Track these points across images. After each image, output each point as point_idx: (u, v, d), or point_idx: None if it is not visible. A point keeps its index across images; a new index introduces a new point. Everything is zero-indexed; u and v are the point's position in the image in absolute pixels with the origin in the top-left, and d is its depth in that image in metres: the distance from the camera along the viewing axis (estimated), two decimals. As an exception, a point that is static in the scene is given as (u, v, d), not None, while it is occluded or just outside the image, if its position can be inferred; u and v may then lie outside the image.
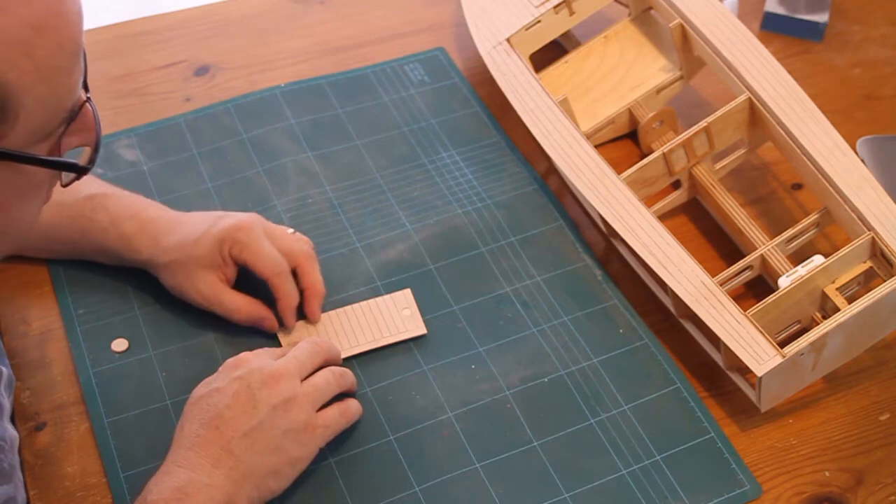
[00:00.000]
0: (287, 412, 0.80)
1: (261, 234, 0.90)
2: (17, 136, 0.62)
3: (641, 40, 1.12)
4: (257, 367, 0.81)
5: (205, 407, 0.79)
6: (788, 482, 0.86)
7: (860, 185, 0.90)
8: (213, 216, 0.93)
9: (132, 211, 0.93)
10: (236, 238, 0.89)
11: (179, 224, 0.92)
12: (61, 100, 0.64)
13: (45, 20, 0.61)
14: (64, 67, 0.63)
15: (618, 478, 0.85)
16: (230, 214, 0.92)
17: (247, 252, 0.89)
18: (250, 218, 0.92)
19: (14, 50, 0.60)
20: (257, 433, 0.79)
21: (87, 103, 0.68)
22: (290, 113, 1.12)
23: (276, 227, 0.94)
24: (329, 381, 0.84)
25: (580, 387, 0.91)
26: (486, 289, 0.98)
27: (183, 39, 1.21)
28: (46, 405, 0.88)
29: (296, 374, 0.82)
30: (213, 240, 0.89)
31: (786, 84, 0.97)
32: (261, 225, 0.92)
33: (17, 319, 0.94)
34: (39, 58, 0.61)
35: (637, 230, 0.92)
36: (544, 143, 0.99)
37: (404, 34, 1.23)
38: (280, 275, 0.90)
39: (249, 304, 0.91)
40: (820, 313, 0.89)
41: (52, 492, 0.83)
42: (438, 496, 0.84)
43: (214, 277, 0.91)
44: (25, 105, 0.61)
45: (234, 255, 0.90)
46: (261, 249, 0.90)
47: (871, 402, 0.91)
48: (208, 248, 0.89)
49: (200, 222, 0.92)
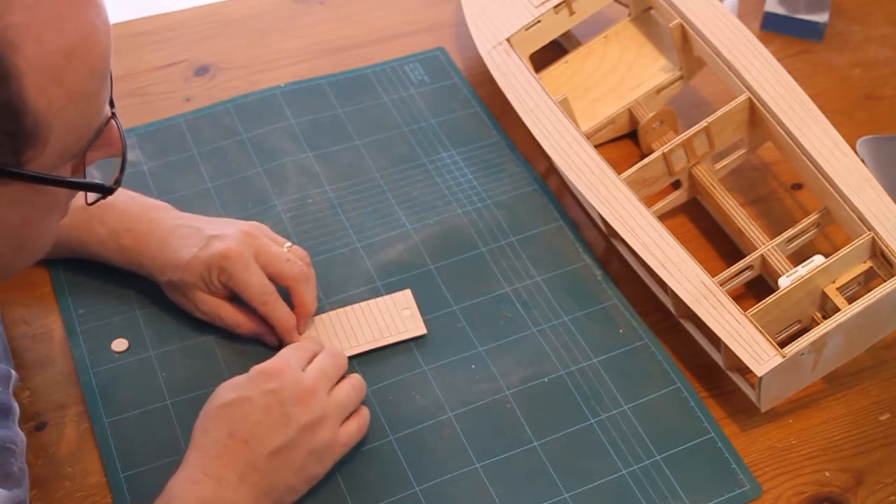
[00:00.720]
0: (314, 433, 0.80)
1: (248, 262, 0.89)
2: (45, 159, 0.62)
3: (641, 40, 1.12)
4: (291, 382, 0.80)
5: (234, 416, 0.78)
6: (788, 482, 0.86)
7: (860, 185, 0.90)
8: (203, 235, 0.90)
9: (127, 224, 0.92)
10: (223, 267, 0.88)
11: (170, 242, 0.91)
12: (90, 121, 0.64)
13: (76, 46, 0.60)
14: (93, 91, 0.63)
15: (618, 478, 0.85)
16: (222, 236, 0.90)
17: (233, 282, 0.89)
18: (239, 244, 0.89)
19: (45, 77, 0.59)
20: (285, 452, 0.78)
21: (112, 119, 0.67)
22: (290, 113, 1.12)
23: (270, 246, 0.91)
24: (350, 396, 0.84)
25: (580, 387, 0.91)
26: (486, 289, 0.98)
27: (183, 39, 1.21)
28: (46, 405, 0.88)
29: (325, 391, 0.82)
30: (202, 266, 0.89)
31: (786, 84, 0.97)
32: (251, 248, 0.90)
33: (17, 319, 0.94)
34: (70, 83, 0.60)
35: (637, 230, 0.92)
36: (544, 143, 0.99)
37: (404, 34, 1.23)
38: (267, 304, 0.89)
39: (250, 320, 0.91)
40: (820, 313, 0.89)
41: (52, 492, 0.83)
42: (438, 496, 0.84)
43: (211, 297, 0.91)
44: (55, 129, 0.61)
45: (222, 283, 0.89)
46: (247, 279, 0.89)
47: (871, 402, 0.91)
48: (199, 273, 0.89)
49: (192, 242, 0.90)
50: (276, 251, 0.91)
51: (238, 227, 0.91)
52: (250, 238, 0.90)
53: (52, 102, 0.60)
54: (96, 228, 0.92)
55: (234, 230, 0.91)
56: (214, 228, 0.91)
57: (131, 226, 0.92)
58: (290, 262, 0.91)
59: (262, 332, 0.91)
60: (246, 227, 0.91)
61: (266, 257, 0.90)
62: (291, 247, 0.94)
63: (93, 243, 0.92)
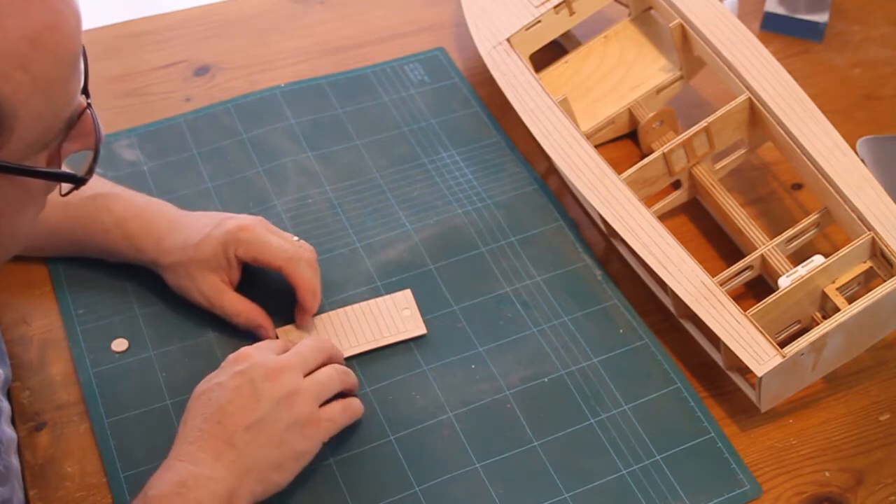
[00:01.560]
0: (290, 406, 0.80)
1: (265, 231, 0.91)
2: (13, 149, 0.62)
3: (641, 40, 1.12)
4: (260, 362, 0.81)
5: (207, 402, 0.79)
6: (788, 482, 0.86)
7: (860, 185, 0.90)
8: (216, 217, 0.93)
9: (135, 210, 0.93)
10: (241, 238, 0.89)
11: (182, 224, 0.92)
12: (59, 110, 0.64)
13: (41, 33, 0.60)
14: (61, 79, 0.62)
15: (618, 478, 0.85)
16: (233, 216, 0.93)
17: (254, 249, 0.90)
18: (253, 219, 0.92)
19: (9, 63, 0.59)
20: (260, 426, 0.78)
21: (87, 109, 0.67)
22: (290, 113, 1.12)
23: (278, 230, 0.94)
24: (332, 377, 0.84)
25: (580, 387, 0.91)
26: (486, 289, 0.98)
27: (183, 39, 1.21)
28: (46, 405, 0.88)
29: (299, 369, 0.82)
30: (216, 242, 0.89)
31: (786, 84, 0.97)
32: (264, 224, 0.92)
33: (17, 319, 0.94)
34: (36, 70, 0.60)
35: (637, 230, 0.92)
36: (544, 143, 0.99)
37: (404, 34, 1.23)
38: (291, 260, 0.90)
39: (250, 310, 0.91)
40: (820, 313, 0.89)
41: (52, 492, 0.83)
42: (438, 496, 0.84)
43: (217, 279, 0.91)
44: (21, 117, 0.60)
45: (240, 256, 0.90)
46: (267, 242, 0.90)
47: (871, 402, 0.91)
48: (212, 250, 0.89)
49: (203, 224, 0.92)
50: (286, 234, 0.94)
51: (245, 215, 0.94)
52: (261, 219, 0.93)
53: (17, 90, 0.60)
54: (103, 216, 0.92)
55: (244, 216, 0.93)
56: (224, 215, 0.93)
57: (139, 212, 0.93)
58: (303, 246, 0.93)
59: (260, 325, 0.91)
60: (254, 217, 0.94)
61: (280, 234, 0.93)
62: (299, 241, 0.94)
63: (97, 232, 0.92)
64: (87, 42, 0.66)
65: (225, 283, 0.91)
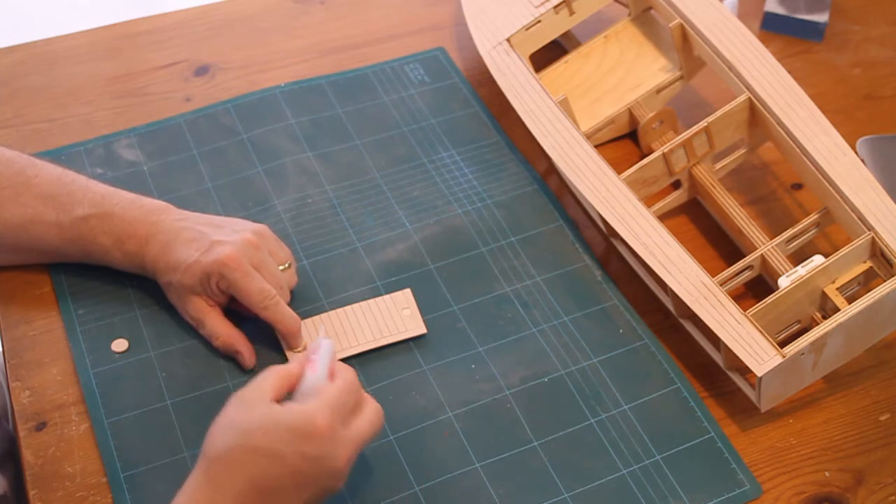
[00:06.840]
0: (336, 481, 0.77)
1: (247, 270, 0.89)
2: None
3: (641, 40, 1.12)
4: (331, 454, 0.76)
5: (260, 465, 0.74)
6: (788, 482, 0.86)
7: (860, 185, 0.90)
8: (207, 240, 0.90)
9: (131, 230, 0.92)
10: (223, 274, 0.88)
11: (173, 244, 0.91)
12: None
13: None
14: None
15: (618, 478, 0.85)
16: (224, 242, 0.89)
17: (233, 289, 0.89)
18: (238, 252, 0.89)
19: None
20: (304, 498, 0.76)
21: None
22: (290, 113, 1.12)
23: (269, 264, 0.91)
24: (372, 432, 0.80)
25: (580, 387, 0.91)
26: (486, 289, 0.98)
27: (183, 39, 1.21)
28: (46, 405, 0.88)
29: (358, 450, 0.78)
30: (201, 271, 0.89)
31: (786, 84, 0.97)
32: (251, 259, 0.89)
33: (17, 319, 0.94)
34: None
35: (637, 230, 0.92)
36: (544, 143, 0.99)
37: (404, 34, 1.23)
38: (268, 308, 0.89)
39: (230, 335, 0.90)
40: (820, 313, 0.89)
41: (52, 492, 0.83)
42: (438, 496, 0.84)
43: (202, 302, 0.90)
44: None
45: (221, 289, 0.90)
46: (247, 285, 0.88)
47: (871, 402, 0.91)
48: (197, 277, 0.89)
49: (194, 246, 0.90)
50: (281, 252, 0.93)
51: (242, 235, 0.91)
52: (252, 249, 0.90)
53: None
54: (100, 239, 0.92)
55: (238, 238, 0.90)
56: (219, 233, 0.91)
57: (134, 231, 0.92)
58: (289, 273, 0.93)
59: (237, 351, 0.90)
60: (250, 237, 0.91)
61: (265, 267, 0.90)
62: (288, 268, 0.93)
63: (98, 252, 0.93)
64: (88, 42, 0.66)
65: (211, 305, 0.91)
